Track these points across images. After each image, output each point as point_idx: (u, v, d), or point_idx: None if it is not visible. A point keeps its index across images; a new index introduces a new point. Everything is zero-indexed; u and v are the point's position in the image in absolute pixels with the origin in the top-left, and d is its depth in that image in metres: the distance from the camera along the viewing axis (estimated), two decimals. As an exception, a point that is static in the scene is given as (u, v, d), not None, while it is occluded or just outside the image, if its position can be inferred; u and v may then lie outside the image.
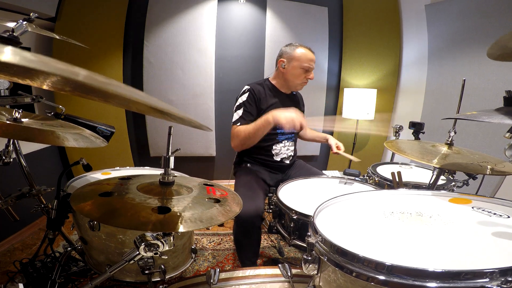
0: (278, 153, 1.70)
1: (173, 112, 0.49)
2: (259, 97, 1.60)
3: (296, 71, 1.61)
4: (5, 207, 1.16)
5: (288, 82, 1.66)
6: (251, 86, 1.63)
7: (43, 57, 0.28)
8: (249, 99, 1.57)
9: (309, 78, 1.64)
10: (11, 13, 2.09)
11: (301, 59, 1.59)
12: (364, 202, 0.92)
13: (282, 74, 1.66)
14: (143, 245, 0.71)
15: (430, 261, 0.59)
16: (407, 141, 1.43)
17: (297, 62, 1.59)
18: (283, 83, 1.69)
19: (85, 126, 1.27)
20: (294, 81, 1.64)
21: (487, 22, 2.17)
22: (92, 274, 1.42)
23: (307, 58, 1.59)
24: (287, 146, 1.72)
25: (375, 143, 3.50)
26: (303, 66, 1.59)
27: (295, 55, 1.59)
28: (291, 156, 1.76)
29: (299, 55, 1.59)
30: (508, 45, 0.72)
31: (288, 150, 1.73)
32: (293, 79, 1.63)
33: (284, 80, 1.67)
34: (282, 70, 1.64)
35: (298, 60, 1.59)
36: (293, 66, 1.60)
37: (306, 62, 1.59)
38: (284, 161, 1.73)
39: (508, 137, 0.71)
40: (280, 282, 0.88)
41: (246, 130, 1.49)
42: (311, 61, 1.60)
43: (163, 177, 0.84)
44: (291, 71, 1.61)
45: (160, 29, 2.83)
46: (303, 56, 1.59)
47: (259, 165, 1.70)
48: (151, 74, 2.89)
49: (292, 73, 1.62)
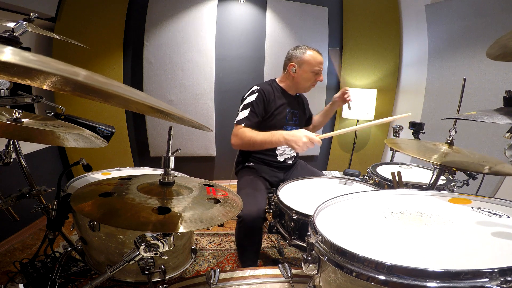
0: (282, 153, 1.71)
1: (173, 112, 0.49)
2: (269, 99, 1.58)
3: (307, 75, 1.61)
4: (5, 207, 1.16)
5: (298, 85, 1.66)
6: (261, 87, 1.60)
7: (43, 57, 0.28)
8: (257, 100, 1.55)
9: (319, 80, 1.65)
10: (11, 13, 2.09)
11: (312, 63, 1.58)
12: (364, 202, 0.91)
13: (292, 78, 1.65)
14: (143, 245, 0.71)
15: (430, 261, 0.59)
16: (407, 140, 1.43)
17: (308, 66, 1.59)
18: (292, 85, 1.68)
19: (85, 126, 1.27)
20: (305, 84, 1.65)
21: (487, 22, 2.17)
22: (92, 274, 1.42)
23: (317, 61, 1.59)
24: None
25: (375, 143, 3.50)
26: (314, 70, 1.59)
27: (305, 59, 1.58)
28: (294, 156, 1.76)
29: (309, 58, 1.58)
30: (508, 45, 0.72)
31: (292, 151, 1.73)
32: (304, 83, 1.64)
33: (294, 83, 1.66)
34: (293, 75, 1.63)
35: (309, 64, 1.58)
36: (304, 70, 1.60)
37: (317, 66, 1.59)
38: (287, 161, 1.73)
39: (508, 137, 0.71)
40: (280, 282, 0.88)
41: (252, 138, 1.44)
42: (321, 64, 1.61)
43: (163, 177, 0.84)
44: (302, 75, 1.61)
45: (160, 29, 2.83)
46: (313, 60, 1.58)
47: (261, 164, 1.70)
48: (151, 74, 2.89)
49: (303, 77, 1.61)
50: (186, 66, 2.93)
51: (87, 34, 2.65)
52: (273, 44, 3.05)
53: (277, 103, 1.62)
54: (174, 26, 2.85)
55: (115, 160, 2.90)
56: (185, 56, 2.91)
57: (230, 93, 3.06)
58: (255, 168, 1.68)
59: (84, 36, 2.64)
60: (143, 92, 0.46)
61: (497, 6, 2.09)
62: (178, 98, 2.97)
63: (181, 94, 2.97)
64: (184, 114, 0.55)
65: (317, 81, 1.64)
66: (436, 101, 2.68)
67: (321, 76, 1.64)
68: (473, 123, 2.19)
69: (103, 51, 2.74)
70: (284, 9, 3.06)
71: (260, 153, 1.69)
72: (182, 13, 2.85)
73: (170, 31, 2.85)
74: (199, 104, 3.03)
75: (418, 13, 2.88)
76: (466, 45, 2.36)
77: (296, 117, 1.74)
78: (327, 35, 3.18)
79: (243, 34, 3.07)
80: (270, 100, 1.59)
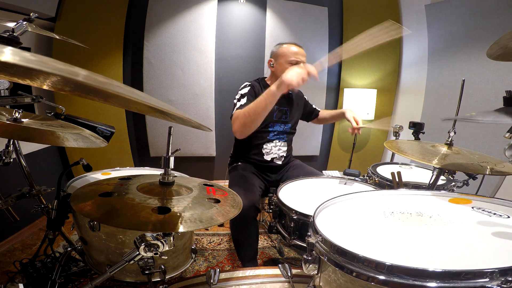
0: (269, 152, 1.70)
1: (173, 112, 0.49)
2: (257, 94, 1.63)
3: (283, 67, 1.63)
4: (5, 207, 1.16)
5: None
6: (251, 82, 1.70)
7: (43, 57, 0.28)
8: (250, 91, 1.63)
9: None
10: (11, 13, 2.09)
11: (286, 55, 1.63)
12: (364, 202, 0.91)
13: (273, 73, 1.71)
14: (143, 245, 0.70)
15: (430, 261, 0.59)
16: (407, 141, 1.43)
17: (283, 58, 1.64)
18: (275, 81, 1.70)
19: (85, 126, 1.27)
20: None
21: (487, 22, 2.17)
22: (92, 274, 1.42)
23: (290, 52, 1.62)
24: (279, 146, 1.72)
25: (375, 143, 3.50)
26: (289, 60, 1.62)
27: (279, 52, 1.65)
28: (283, 156, 1.74)
29: (283, 51, 1.64)
30: (508, 45, 0.72)
31: (280, 151, 1.73)
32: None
33: (276, 78, 1.68)
34: (272, 69, 1.70)
35: (283, 56, 1.64)
36: (280, 63, 1.65)
37: (292, 56, 1.62)
38: (275, 161, 1.72)
39: (508, 137, 0.71)
40: (280, 282, 0.88)
41: (247, 109, 1.42)
42: (296, 55, 1.62)
43: (163, 177, 0.84)
44: (279, 68, 1.66)
45: (160, 29, 2.83)
46: (287, 51, 1.63)
47: (251, 165, 1.71)
48: (151, 74, 2.89)
49: (280, 70, 1.65)
50: (186, 66, 2.93)
51: (87, 34, 2.65)
52: (273, 44, 3.01)
53: None
54: (174, 26, 2.85)
55: (115, 160, 2.90)
56: (185, 56, 2.91)
57: (230, 93, 3.03)
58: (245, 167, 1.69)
59: (84, 36, 2.64)
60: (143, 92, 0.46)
61: (497, 6, 2.09)
62: (178, 98, 2.97)
63: (181, 94, 2.97)
64: (184, 114, 0.55)
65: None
66: (436, 101, 2.68)
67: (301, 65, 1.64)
68: (473, 123, 2.19)
69: (103, 51, 2.74)
70: (284, 9, 3.06)
71: (248, 152, 1.72)
72: (182, 13, 2.85)
73: (170, 31, 2.85)
74: (199, 104, 3.03)
75: (418, 13, 2.88)
76: (466, 45, 2.35)
77: (286, 114, 1.74)
78: (327, 35, 3.18)
79: (243, 34, 3.07)
80: (257, 95, 1.61)
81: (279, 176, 1.74)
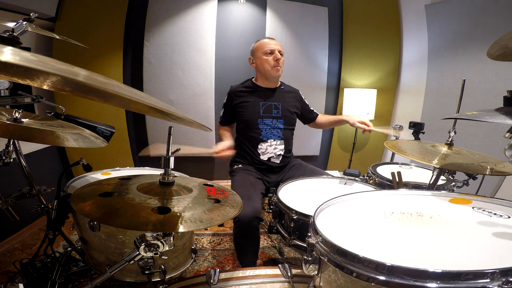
0: (265, 152, 1.70)
1: (173, 112, 0.49)
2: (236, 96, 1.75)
3: (261, 60, 1.70)
4: (5, 207, 1.15)
5: (263, 73, 1.73)
6: (230, 88, 1.80)
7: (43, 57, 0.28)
8: (227, 100, 1.78)
9: (277, 58, 1.68)
10: (11, 13, 2.09)
11: (260, 47, 1.71)
12: (364, 203, 0.91)
13: (257, 69, 1.77)
14: (143, 245, 0.70)
15: (430, 261, 0.59)
16: (407, 141, 1.43)
17: (258, 52, 1.71)
18: (260, 76, 1.78)
19: (85, 126, 1.27)
20: (265, 69, 1.70)
21: (487, 22, 2.17)
22: (92, 274, 1.42)
23: (263, 43, 1.71)
24: (274, 145, 1.71)
25: (375, 143, 3.50)
26: (263, 51, 1.69)
27: (254, 48, 1.75)
28: (281, 155, 1.73)
29: (257, 45, 1.73)
30: (509, 45, 0.72)
31: (276, 149, 1.71)
32: (263, 68, 1.71)
33: (260, 73, 1.77)
34: (254, 65, 1.77)
35: (258, 49, 1.72)
36: (257, 57, 1.72)
37: (266, 47, 1.69)
38: (273, 161, 1.71)
39: (508, 137, 0.71)
40: (280, 283, 0.88)
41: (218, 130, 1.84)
42: (269, 44, 1.70)
43: (163, 177, 0.84)
44: (258, 62, 1.73)
45: (160, 29, 2.83)
46: (260, 44, 1.72)
47: (251, 167, 1.71)
48: (151, 74, 2.89)
49: (259, 63, 1.72)
50: (186, 66, 2.92)
51: (87, 34, 2.65)
52: (273, 44, 3.05)
53: (247, 99, 1.73)
54: (174, 26, 2.85)
55: (115, 160, 2.89)
56: (185, 56, 2.91)
57: (230, 93, 3.06)
58: (246, 169, 1.68)
59: (84, 36, 2.64)
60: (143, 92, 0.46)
61: (497, 6, 2.09)
62: (178, 98, 2.97)
63: (181, 94, 2.97)
64: (184, 114, 0.54)
65: (277, 60, 1.67)
66: (436, 101, 2.68)
67: (277, 54, 1.67)
68: (473, 123, 2.19)
69: (103, 51, 2.74)
70: (284, 9, 3.05)
71: (246, 152, 1.73)
72: (182, 13, 2.85)
73: (170, 31, 2.85)
74: (199, 104, 3.02)
75: (418, 13, 2.88)
76: (466, 45, 2.35)
77: (277, 109, 1.74)
78: (327, 35, 3.17)
79: (243, 34, 3.07)
80: (237, 97, 1.74)
81: (280, 177, 1.72)
